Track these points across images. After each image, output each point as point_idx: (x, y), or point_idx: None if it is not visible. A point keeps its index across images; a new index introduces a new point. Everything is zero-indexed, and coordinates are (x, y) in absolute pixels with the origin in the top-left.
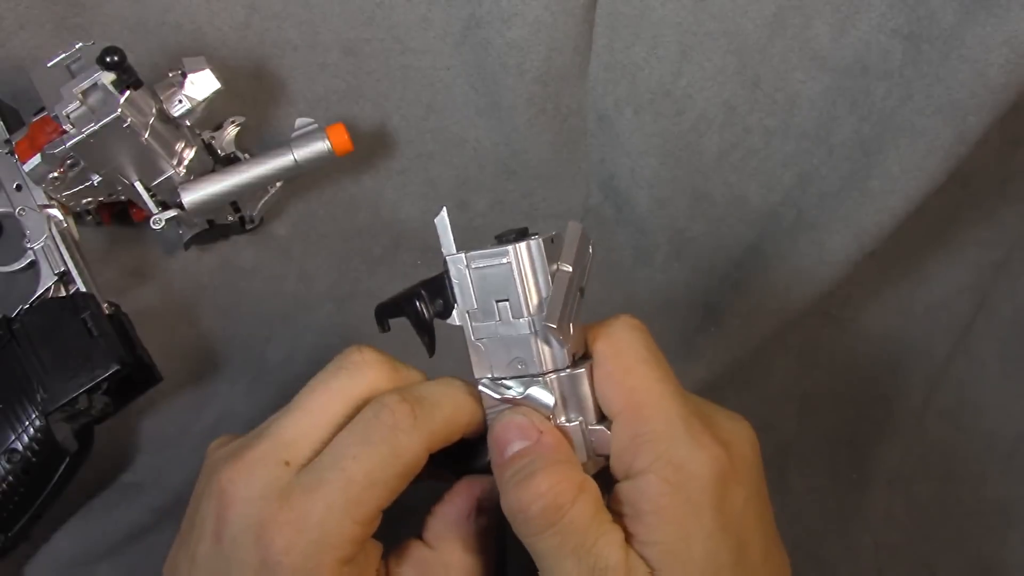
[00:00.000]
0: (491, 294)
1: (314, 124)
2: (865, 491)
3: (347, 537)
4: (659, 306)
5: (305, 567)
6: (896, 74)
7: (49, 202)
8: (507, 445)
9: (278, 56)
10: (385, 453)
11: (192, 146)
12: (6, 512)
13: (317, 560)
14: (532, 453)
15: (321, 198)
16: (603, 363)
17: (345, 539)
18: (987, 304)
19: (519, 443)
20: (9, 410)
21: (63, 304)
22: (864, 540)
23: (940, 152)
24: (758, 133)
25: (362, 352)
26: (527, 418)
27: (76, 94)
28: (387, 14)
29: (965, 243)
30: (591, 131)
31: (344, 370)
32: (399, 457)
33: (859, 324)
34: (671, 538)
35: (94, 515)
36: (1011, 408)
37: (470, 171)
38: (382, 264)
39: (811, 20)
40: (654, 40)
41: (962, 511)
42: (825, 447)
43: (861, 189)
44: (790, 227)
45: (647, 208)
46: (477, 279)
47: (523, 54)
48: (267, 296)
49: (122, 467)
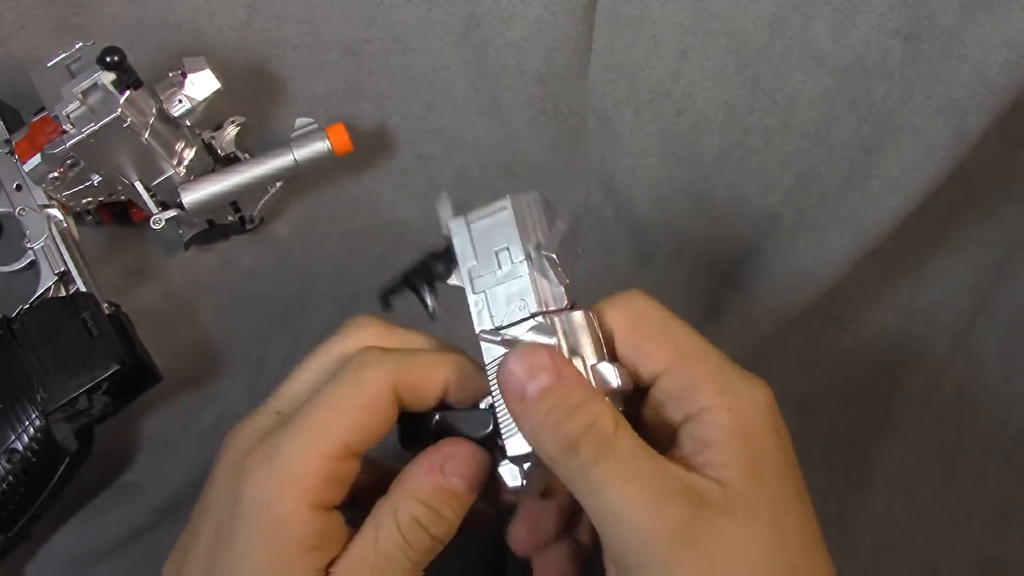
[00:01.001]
0: (491, 246)
1: (314, 124)
2: (865, 491)
3: (313, 471)
4: None
5: (272, 501)
6: (896, 74)
7: (49, 202)
8: (530, 380)
9: (278, 56)
10: (348, 386)
11: (192, 146)
12: (6, 512)
13: (284, 494)
14: (565, 387)
15: (321, 198)
16: (642, 324)
17: (311, 472)
18: (987, 304)
19: (545, 378)
20: (9, 410)
21: (63, 304)
22: (864, 540)
23: (940, 152)
24: (758, 133)
25: (362, 318)
26: (546, 352)
27: (76, 94)
28: (387, 14)
29: (965, 243)
30: (591, 131)
31: (341, 334)
32: (363, 387)
33: (859, 324)
34: (743, 455)
35: (94, 515)
36: (1011, 408)
37: (470, 171)
38: (382, 264)
39: (811, 20)
40: (654, 40)
41: (962, 511)
42: (825, 447)
43: (861, 189)
44: (790, 227)
45: (647, 208)
46: (478, 234)
47: (523, 54)
48: (267, 296)
49: (122, 467)
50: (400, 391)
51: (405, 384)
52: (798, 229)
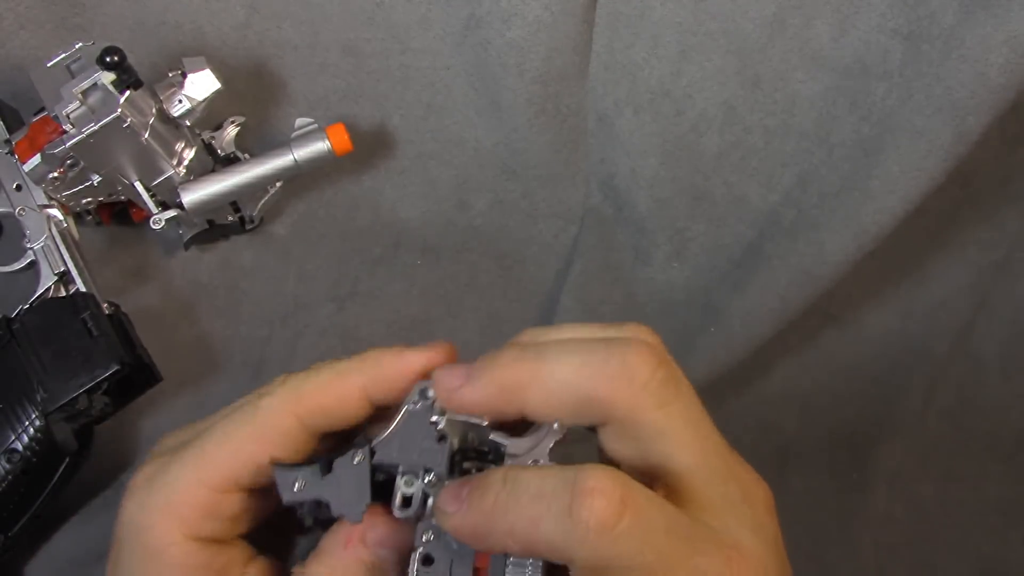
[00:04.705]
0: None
1: (314, 124)
2: (865, 491)
3: (190, 501)
4: (659, 306)
5: (149, 526)
6: (896, 74)
7: (49, 202)
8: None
9: (278, 56)
10: (241, 416)
11: (192, 146)
12: (6, 512)
13: (159, 521)
14: None
15: (321, 198)
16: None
17: (188, 503)
18: (987, 304)
19: None
20: (9, 410)
21: (63, 304)
22: (864, 540)
23: (940, 152)
24: (758, 133)
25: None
26: None
27: (76, 94)
28: (387, 14)
29: (965, 243)
30: (591, 131)
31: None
32: (256, 417)
33: (859, 324)
34: None
35: (94, 515)
36: (1011, 408)
37: (470, 171)
38: (382, 264)
39: (811, 20)
40: (654, 40)
41: (962, 511)
42: (825, 447)
43: (861, 189)
44: (790, 227)
45: (647, 208)
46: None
47: (523, 54)
48: (267, 296)
49: (122, 467)
50: (312, 416)
51: (315, 407)
52: (798, 229)
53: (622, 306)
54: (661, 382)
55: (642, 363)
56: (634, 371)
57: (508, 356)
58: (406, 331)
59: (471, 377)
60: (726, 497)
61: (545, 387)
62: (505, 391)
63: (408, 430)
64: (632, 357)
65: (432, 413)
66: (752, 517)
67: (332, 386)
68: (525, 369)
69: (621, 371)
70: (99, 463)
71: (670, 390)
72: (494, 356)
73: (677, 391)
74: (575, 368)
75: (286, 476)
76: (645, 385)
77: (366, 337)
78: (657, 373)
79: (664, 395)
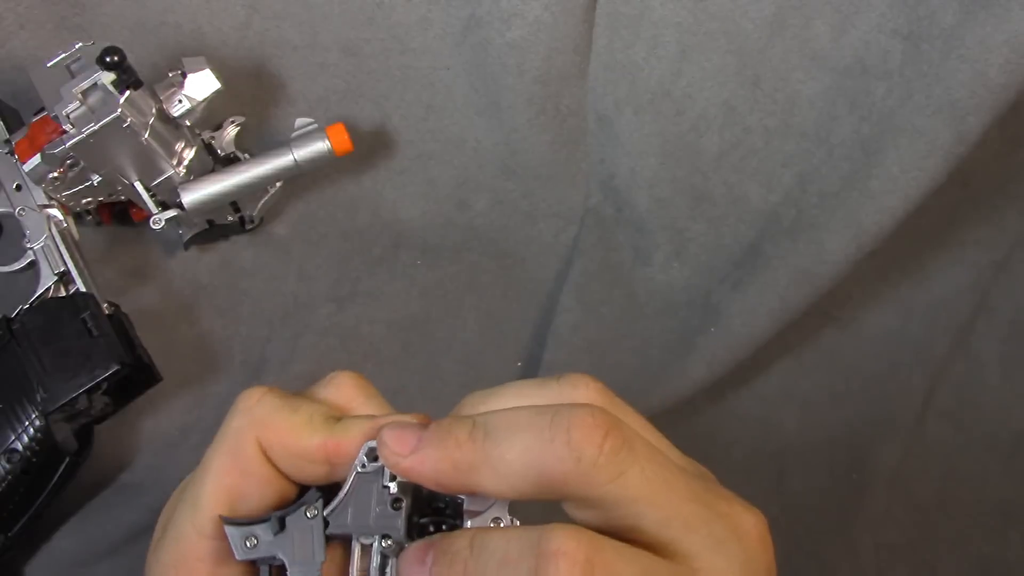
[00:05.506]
0: None
1: (314, 124)
2: (865, 491)
3: (203, 554)
4: (659, 306)
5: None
6: (896, 74)
7: (49, 202)
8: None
9: (278, 56)
10: (219, 445)
11: (192, 146)
12: (6, 512)
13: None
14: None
15: (321, 198)
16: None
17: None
18: (987, 304)
19: None
20: (9, 410)
21: (63, 304)
22: (864, 540)
23: (940, 152)
24: (758, 133)
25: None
26: None
27: (76, 94)
28: (387, 14)
29: (965, 243)
30: (591, 131)
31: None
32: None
33: (859, 324)
34: None
35: (94, 515)
36: (1011, 408)
37: (470, 171)
38: (382, 264)
39: (811, 20)
40: (654, 40)
41: (962, 511)
42: (825, 447)
43: (861, 189)
44: (790, 227)
45: (647, 208)
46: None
47: (523, 54)
48: (267, 296)
49: (122, 467)
50: (270, 449)
51: (274, 441)
52: (798, 229)
53: (622, 306)
54: (610, 454)
55: (586, 439)
56: (580, 450)
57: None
58: (406, 331)
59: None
60: (711, 538)
61: (496, 472)
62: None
63: (360, 495)
64: (576, 433)
65: (384, 477)
66: (742, 552)
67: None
68: (477, 450)
69: (567, 452)
70: (99, 463)
71: (622, 457)
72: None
73: (630, 455)
74: (522, 451)
75: (237, 534)
76: (594, 462)
77: (366, 337)
78: (605, 446)
79: (616, 466)
